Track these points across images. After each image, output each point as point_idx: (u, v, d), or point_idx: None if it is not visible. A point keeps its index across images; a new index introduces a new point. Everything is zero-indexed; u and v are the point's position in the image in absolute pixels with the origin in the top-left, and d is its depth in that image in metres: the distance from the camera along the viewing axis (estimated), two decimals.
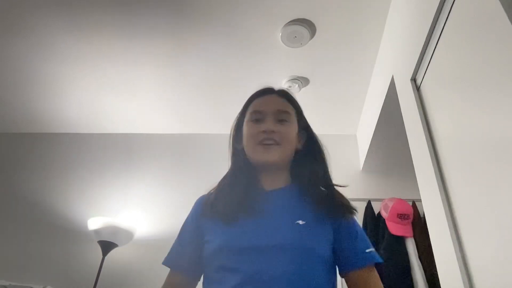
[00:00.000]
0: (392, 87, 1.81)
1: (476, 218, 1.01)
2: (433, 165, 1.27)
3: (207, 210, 0.88)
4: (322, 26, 1.98)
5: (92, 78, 2.40)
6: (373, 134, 2.23)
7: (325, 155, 0.96)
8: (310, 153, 0.95)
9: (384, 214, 2.19)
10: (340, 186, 0.92)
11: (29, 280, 2.10)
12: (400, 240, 2.08)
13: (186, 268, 0.88)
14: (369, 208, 2.34)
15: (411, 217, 2.16)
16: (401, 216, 2.13)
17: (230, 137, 1.00)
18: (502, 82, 0.90)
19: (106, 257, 2.17)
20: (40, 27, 2.05)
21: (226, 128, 3.23)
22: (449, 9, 1.20)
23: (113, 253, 2.25)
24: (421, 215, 2.20)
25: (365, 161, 2.52)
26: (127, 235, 2.23)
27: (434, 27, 1.31)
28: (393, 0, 1.84)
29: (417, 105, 1.44)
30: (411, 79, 1.53)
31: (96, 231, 2.16)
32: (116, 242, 2.19)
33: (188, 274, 0.88)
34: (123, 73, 2.35)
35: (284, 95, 0.98)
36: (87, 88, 2.49)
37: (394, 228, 2.10)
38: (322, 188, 0.88)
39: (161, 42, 2.13)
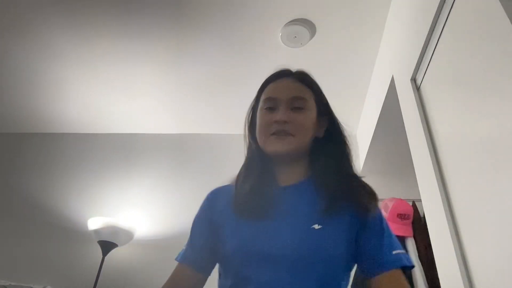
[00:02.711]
0: (392, 87, 1.81)
1: (476, 218, 1.01)
2: (433, 165, 1.27)
3: (220, 205, 0.82)
4: (322, 26, 1.98)
5: (92, 78, 2.40)
6: (373, 134, 2.23)
7: (348, 142, 0.87)
8: (331, 141, 0.86)
9: (384, 214, 2.19)
10: (362, 177, 0.82)
11: (29, 280, 2.10)
12: (400, 240, 2.08)
13: (196, 262, 0.81)
14: None
15: (411, 217, 2.16)
16: (401, 216, 2.13)
17: (244, 125, 0.91)
18: (502, 82, 0.90)
19: (106, 257, 2.17)
20: (41, 28, 2.05)
21: (226, 128, 3.23)
22: (449, 9, 1.20)
23: (113, 253, 2.24)
24: (421, 215, 2.20)
25: (365, 161, 2.52)
26: (127, 235, 2.23)
27: (434, 27, 1.31)
28: (393, 0, 1.84)
29: (417, 105, 1.44)
30: (411, 79, 1.53)
31: (96, 231, 2.16)
32: (116, 242, 2.19)
33: (198, 268, 0.81)
34: (123, 73, 2.35)
35: (302, 78, 0.89)
36: (87, 88, 2.49)
37: (394, 228, 2.10)
38: (343, 180, 0.78)
39: (161, 43, 2.13)
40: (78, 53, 2.21)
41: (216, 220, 0.81)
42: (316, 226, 0.71)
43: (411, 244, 2.06)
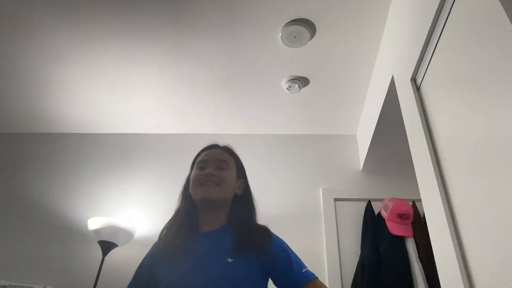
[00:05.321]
0: (392, 87, 1.81)
1: (476, 218, 1.01)
2: (433, 165, 1.27)
3: (155, 253, 1.07)
4: (322, 26, 1.98)
5: (92, 78, 2.40)
6: (373, 134, 2.23)
7: (254, 201, 1.16)
8: (245, 199, 1.14)
9: (384, 214, 2.19)
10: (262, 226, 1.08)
11: (29, 280, 2.10)
12: (400, 240, 2.08)
13: None
14: (369, 208, 2.34)
15: (411, 217, 2.16)
16: (401, 216, 2.13)
17: (182, 186, 1.20)
18: (502, 82, 0.90)
19: (106, 257, 2.17)
20: (41, 28, 2.05)
21: (226, 128, 3.21)
22: (449, 9, 1.20)
23: (113, 253, 2.24)
24: (421, 215, 2.20)
25: (365, 161, 2.52)
26: (127, 235, 2.23)
27: (434, 27, 1.31)
28: (393, 0, 1.84)
29: (417, 105, 1.44)
30: (411, 79, 1.53)
31: (96, 231, 2.16)
32: (116, 242, 2.19)
33: None
34: (123, 73, 2.35)
35: (226, 149, 1.20)
36: (87, 89, 2.49)
37: (394, 228, 2.10)
38: (249, 228, 1.03)
39: (161, 43, 2.13)
40: (78, 53, 2.21)
41: (154, 267, 1.04)
42: (229, 260, 0.93)
43: (411, 244, 2.06)
